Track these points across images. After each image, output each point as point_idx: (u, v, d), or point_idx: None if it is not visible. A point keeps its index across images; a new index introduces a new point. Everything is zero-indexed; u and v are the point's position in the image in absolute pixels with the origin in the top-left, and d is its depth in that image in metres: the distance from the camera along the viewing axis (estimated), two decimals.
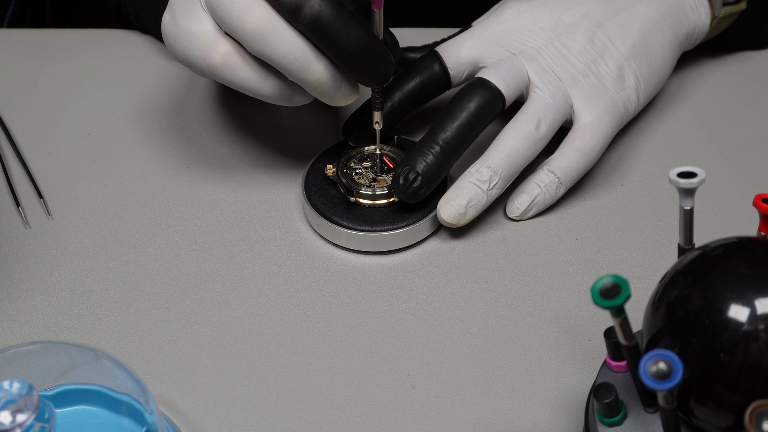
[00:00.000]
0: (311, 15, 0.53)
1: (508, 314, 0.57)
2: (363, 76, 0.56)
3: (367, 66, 0.55)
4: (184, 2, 0.56)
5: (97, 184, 0.64)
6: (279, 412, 0.53)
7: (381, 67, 0.56)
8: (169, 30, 0.56)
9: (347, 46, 0.54)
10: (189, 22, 0.55)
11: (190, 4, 0.55)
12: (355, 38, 0.53)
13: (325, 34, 0.53)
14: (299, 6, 0.52)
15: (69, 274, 0.59)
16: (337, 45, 0.54)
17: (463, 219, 0.59)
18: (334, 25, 0.53)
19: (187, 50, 0.55)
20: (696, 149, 0.67)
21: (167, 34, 0.57)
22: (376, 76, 0.56)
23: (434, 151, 0.59)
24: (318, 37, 0.53)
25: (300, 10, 0.53)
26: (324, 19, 0.53)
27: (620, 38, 0.63)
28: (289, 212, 0.63)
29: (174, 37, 0.56)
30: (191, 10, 0.55)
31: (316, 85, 0.55)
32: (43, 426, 0.43)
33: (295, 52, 0.54)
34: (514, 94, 0.61)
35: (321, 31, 0.53)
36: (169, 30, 0.56)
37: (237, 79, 0.56)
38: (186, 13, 0.55)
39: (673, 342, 0.43)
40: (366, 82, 0.57)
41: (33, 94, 0.71)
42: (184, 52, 0.56)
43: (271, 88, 0.56)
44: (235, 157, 0.66)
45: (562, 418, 0.52)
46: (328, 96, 0.56)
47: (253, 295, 0.58)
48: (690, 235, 0.46)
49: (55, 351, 0.48)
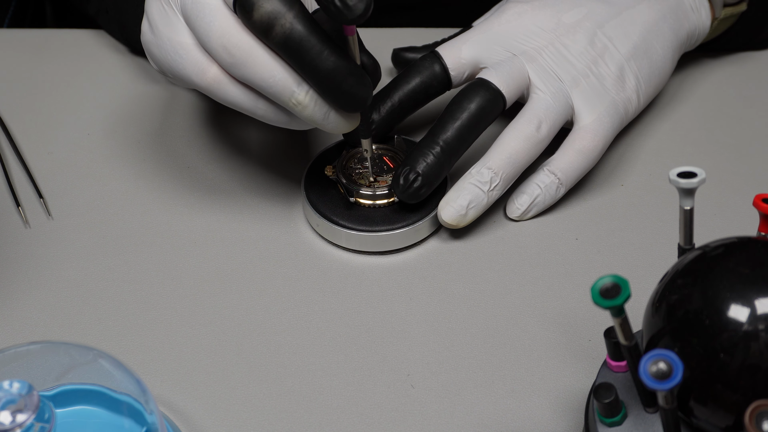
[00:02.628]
0: (282, 33, 0.51)
1: (508, 314, 0.57)
2: (338, 99, 0.53)
3: (340, 88, 0.52)
4: (161, 12, 0.54)
5: (97, 184, 0.64)
6: (279, 412, 0.53)
7: (356, 89, 0.52)
8: (150, 39, 0.55)
9: (319, 65, 0.51)
10: (171, 33, 0.53)
11: (166, 13, 0.54)
12: (326, 57, 0.51)
13: (297, 53, 0.51)
14: (271, 23, 0.50)
15: (69, 274, 0.59)
16: (309, 64, 0.51)
17: (464, 220, 0.59)
18: (306, 44, 0.51)
19: (176, 64, 0.54)
20: (696, 149, 0.67)
21: (148, 42, 0.55)
22: (351, 99, 0.53)
23: (435, 151, 0.59)
24: (290, 56, 0.51)
25: (272, 27, 0.51)
26: (296, 37, 0.51)
27: (621, 39, 0.63)
28: (289, 212, 0.63)
29: (157, 47, 0.54)
30: (169, 19, 0.53)
31: (300, 110, 0.53)
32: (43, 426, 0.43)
33: (274, 75, 0.52)
34: (514, 95, 0.61)
35: (292, 49, 0.51)
36: (150, 39, 0.55)
37: (230, 100, 0.54)
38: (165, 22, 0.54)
39: (673, 342, 0.43)
40: (342, 106, 0.53)
41: (33, 94, 0.71)
42: (172, 66, 0.54)
43: (265, 109, 0.54)
44: (235, 157, 0.66)
45: (562, 418, 0.52)
46: (318, 122, 0.54)
47: (253, 295, 0.58)
48: (690, 235, 0.46)
49: (55, 351, 0.48)
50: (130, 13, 0.69)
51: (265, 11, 0.50)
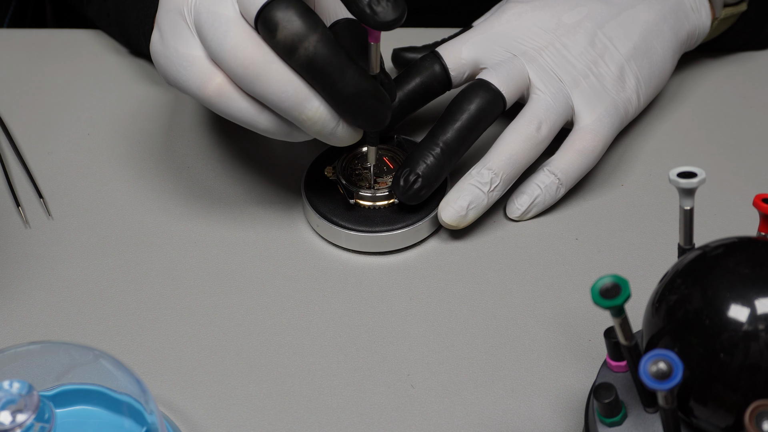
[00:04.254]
0: (306, 55, 0.51)
1: (508, 314, 0.57)
2: (358, 119, 0.53)
3: (361, 109, 0.53)
4: (173, 23, 0.54)
5: (97, 184, 0.64)
6: (279, 412, 0.53)
7: (376, 110, 0.53)
8: (159, 50, 0.55)
9: (341, 88, 0.51)
10: (180, 45, 0.53)
11: (178, 26, 0.53)
12: (349, 80, 0.51)
13: (320, 75, 0.51)
14: (295, 45, 0.51)
15: (69, 274, 0.59)
16: (331, 86, 0.51)
17: (464, 221, 0.59)
18: (329, 67, 0.51)
19: (180, 75, 0.54)
20: (696, 149, 0.67)
21: (157, 53, 0.55)
22: (371, 119, 0.53)
23: (435, 152, 0.59)
24: (313, 78, 0.52)
25: (296, 49, 0.51)
26: (319, 59, 0.51)
27: (621, 39, 0.63)
28: (289, 213, 0.63)
29: (165, 58, 0.54)
30: (180, 32, 0.53)
31: (310, 125, 0.53)
32: (43, 426, 0.43)
33: (287, 90, 0.52)
34: (514, 95, 0.61)
35: (316, 71, 0.51)
36: (159, 50, 0.55)
37: (232, 111, 0.54)
38: (176, 34, 0.54)
39: (673, 342, 0.43)
40: (361, 125, 0.54)
41: (33, 94, 0.71)
42: (177, 77, 0.54)
43: (268, 122, 0.54)
44: (235, 157, 0.66)
45: (562, 418, 0.52)
46: (325, 136, 0.54)
47: (253, 295, 0.58)
48: (690, 235, 0.46)
49: (55, 351, 0.48)
50: (132, 17, 0.69)
51: (289, 32, 0.51)
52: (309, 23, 0.51)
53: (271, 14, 0.51)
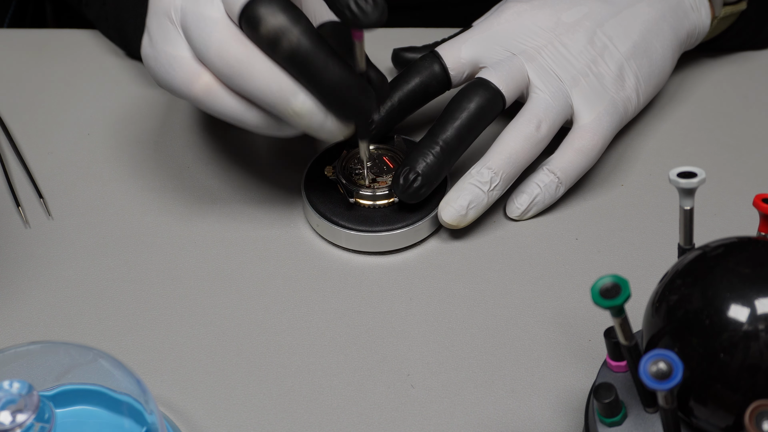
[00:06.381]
0: (290, 47, 0.51)
1: (508, 314, 0.57)
2: (344, 111, 0.54)
3: (346, 101, 0.53)
4: (161, 26, 0.54)
5: (97, 184, 0.64)
6: (279, 412, 0.53)
7: (361, 102, 0.53)
8: (149, 52, 0.55)
9: (325, 79, 0.52)
10: (168, 47, 0.54)
11: (166, 28, 0.54)
12: (333, 71, 0.52)
13: (304, 67, 0.52)
14: (278, 38, 0.51)
15: (69, 274, 0.59)
16: (315, 78, 0.52)
17: (464, 220, 0.59)
18: (313, 58, 0.51)
19: (168, 75, 0.54)
20: (696, 149, 0.67)
21: (147, 56, 0.55)
22: (355, 110, 0.54)
23: (434, 151, 0.59)
24: (296, 70, 0.52)
25: (279, 41, 0.51)
26: (303, 51, 0.51)
27: (620, 38, 0.63)
28: (289, 212, 0.63)
29: (155, 60, 0.55)
30: (168, 34, 0.54)
31: (297, 119, 0.53)
32: (43, 426, 0.43)
33: (272, 86, 0.52)
34: (514, 94, 0.61)
35: (299, 63, 0.52)
36: (149, 52, 0.55)
37: (220, 109, 0.54)
38: (164, 37, 0.54)
39: (673, 342, 0.43)
40: (348, 117, 0.54)
41: (33, 94, 0.71)
42: (165, 78, 0.54)
43: (256, 118, 0.54)
44: (235, 157, 0.66)
45: (562, 418, 0.52)
46: (314, 130, 0.54)
47: (253, 295, 0.58)
48: (690, 235, 0.46)
49: (55, 351, 0.48)
50: (130, 22, 0.69)
51: (272, 26, 0.51)
52: (291, 17, 0.51)
53: (254, 10, 0.51)
